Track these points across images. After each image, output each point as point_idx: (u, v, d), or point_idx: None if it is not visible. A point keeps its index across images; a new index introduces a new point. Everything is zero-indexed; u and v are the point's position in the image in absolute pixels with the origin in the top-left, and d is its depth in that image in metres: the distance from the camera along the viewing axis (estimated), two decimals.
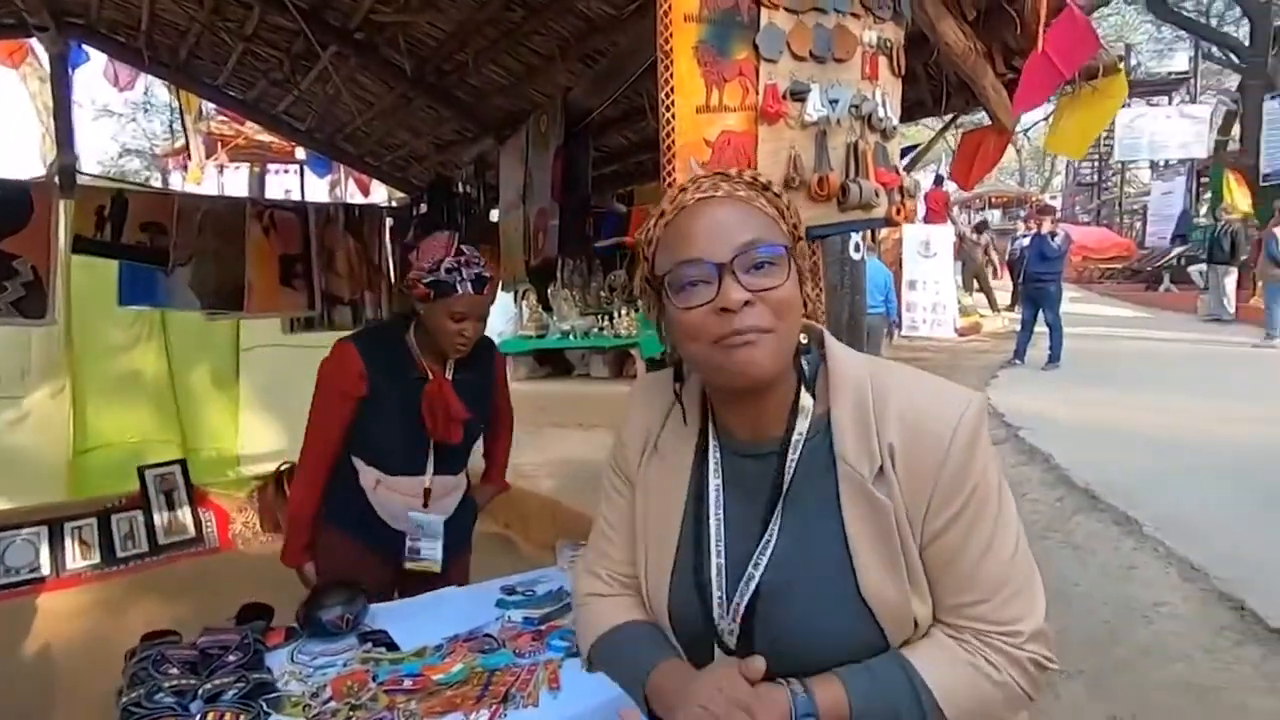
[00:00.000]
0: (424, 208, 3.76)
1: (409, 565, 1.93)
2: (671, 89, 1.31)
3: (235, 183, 12.82)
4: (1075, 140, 2.14)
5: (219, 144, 11.17)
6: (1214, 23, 17.13)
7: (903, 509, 0.78)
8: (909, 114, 2.03)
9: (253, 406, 4.64)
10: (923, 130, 3.98)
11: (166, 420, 4.39)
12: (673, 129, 1.31)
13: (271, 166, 12.73)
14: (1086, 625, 2.95)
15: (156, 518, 3.88)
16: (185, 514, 3.96)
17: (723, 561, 0.84)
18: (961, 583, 0.79)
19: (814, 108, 1.39)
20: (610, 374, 7.35)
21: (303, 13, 2.69)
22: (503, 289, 3.42)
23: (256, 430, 4.62)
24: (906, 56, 1.55)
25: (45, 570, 3.53)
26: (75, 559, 3.61)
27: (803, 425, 0.83)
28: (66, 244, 3.32)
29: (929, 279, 10.23)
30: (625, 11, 2.17)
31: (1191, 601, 3.04)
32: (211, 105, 6.94)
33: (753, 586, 0.82)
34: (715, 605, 0.84)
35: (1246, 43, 12.65)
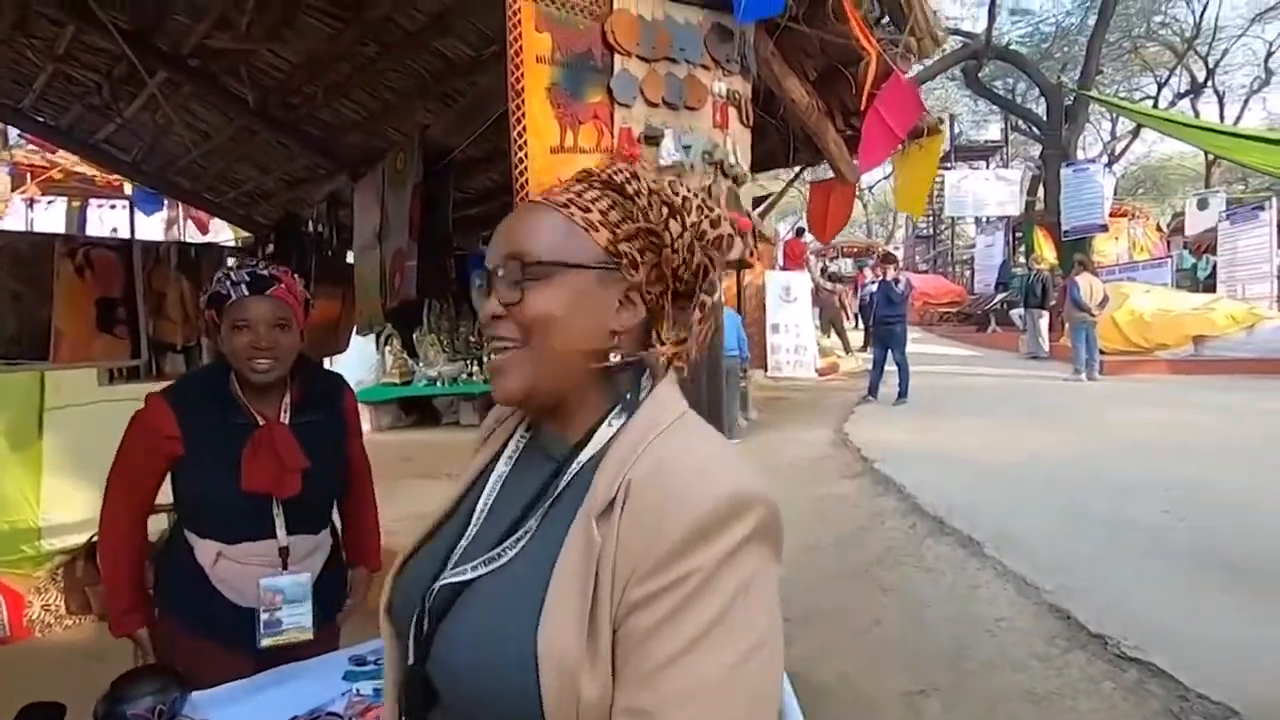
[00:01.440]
0: (271, 247, 3.50)
1: (267, 643, 1.63)
2: (524, 129, 1.29)
3: (50, 219, 11.39)
4: (914, 198, 2.36)
5: (28, 175, 9.93)
6: (1019, 99, 19.78)
7: (611, 558, 0.64)
8: (760, 164, 2.13)
9: (59, 471, 4.04)
10: (777, 181, 4.26)
11: None
12: (525, 168, 1.29)
13: (94, 201, 11.42)
14: (939, 642, 3.12)
15: None
16: None
17: (467, 546, 0.74)
18: (640, 680, 0.61)
19: (668, 152, 1.42)
20: (479, 421, 7.15)
21: (125, 34, 2.46)
22: (358, 333, 3.24)
23: (62, 498, 4.01)
24: (755, 109, 1.63)
25: None
26: None
27: (598, 444, 0.73)
28: None
29: (790, 323, 10.84)
30: (485, 53, 2.15)
31: (1026, 614, 3.30)
32: (15, 130, 6.17)
33: (450, 587, 0.70)
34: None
35: (1045, 117, 14.73)
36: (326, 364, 3.79)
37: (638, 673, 0.61)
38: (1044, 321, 12.40)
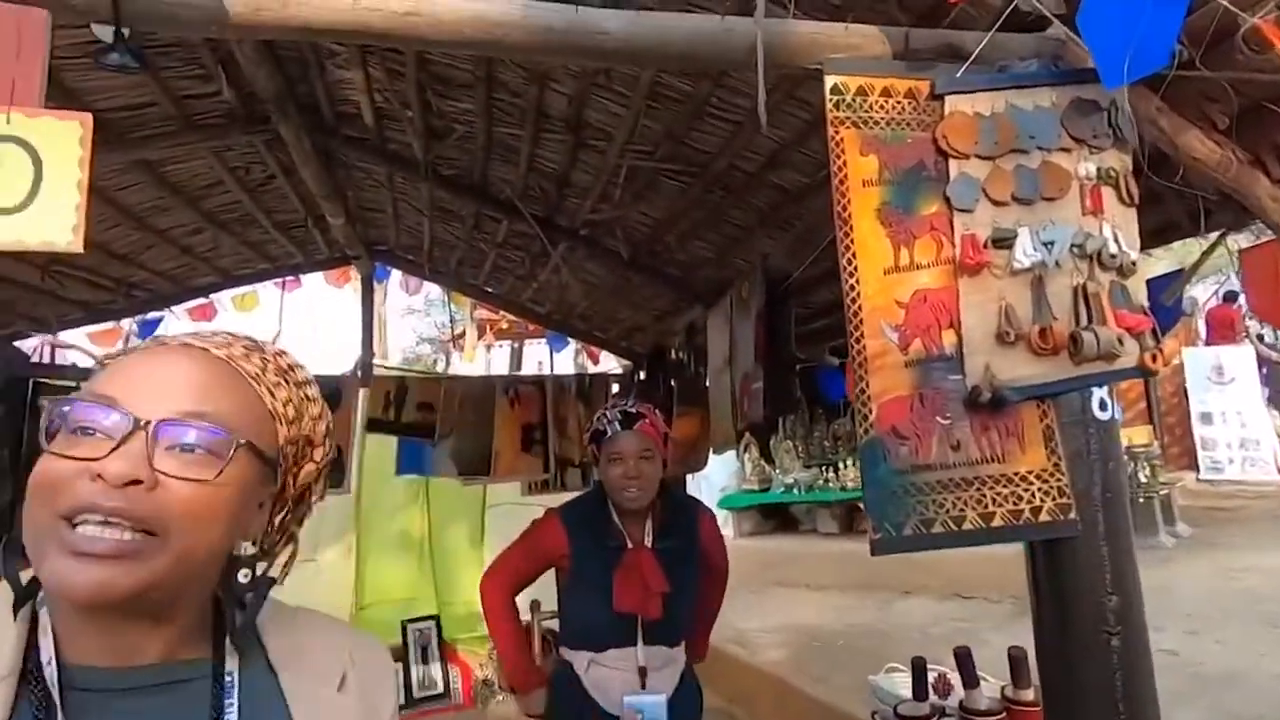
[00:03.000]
0: (644, 374, 3.99)
1: None
2: (853, 254, 1.26)
3: (500, 359, 14.86)
4: None
5: (487, 327, 13.16)
6: None
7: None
8: (1158, 239, 1.75)
9: None
10: (1188, 246, 3.40)
11: (426, 576, 4.88)
12: (858, 294, 1.25)
13: (528, 341, 14.66)
14: None
15: (414, 671, 4.22)
16: (436, 669, 4.26)
17: None
18: None
19: (1024, 253, 1.25)
20: (839, 529, 6.84)
21: (539, 220, 3.14)
22: (713, 452, 3.43)
23: None
24: (1140, 181, 1.36)
25: None
26: None
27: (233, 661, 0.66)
28: (362, 424, 4.00)
29: (1228, 410, 8.34)
30: (816, 178, 2.21)
31: None
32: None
33: None
34: None
35: None
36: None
37: None
38: None
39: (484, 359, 14.23)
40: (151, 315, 4.11)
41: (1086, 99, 1.32)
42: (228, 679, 0.65)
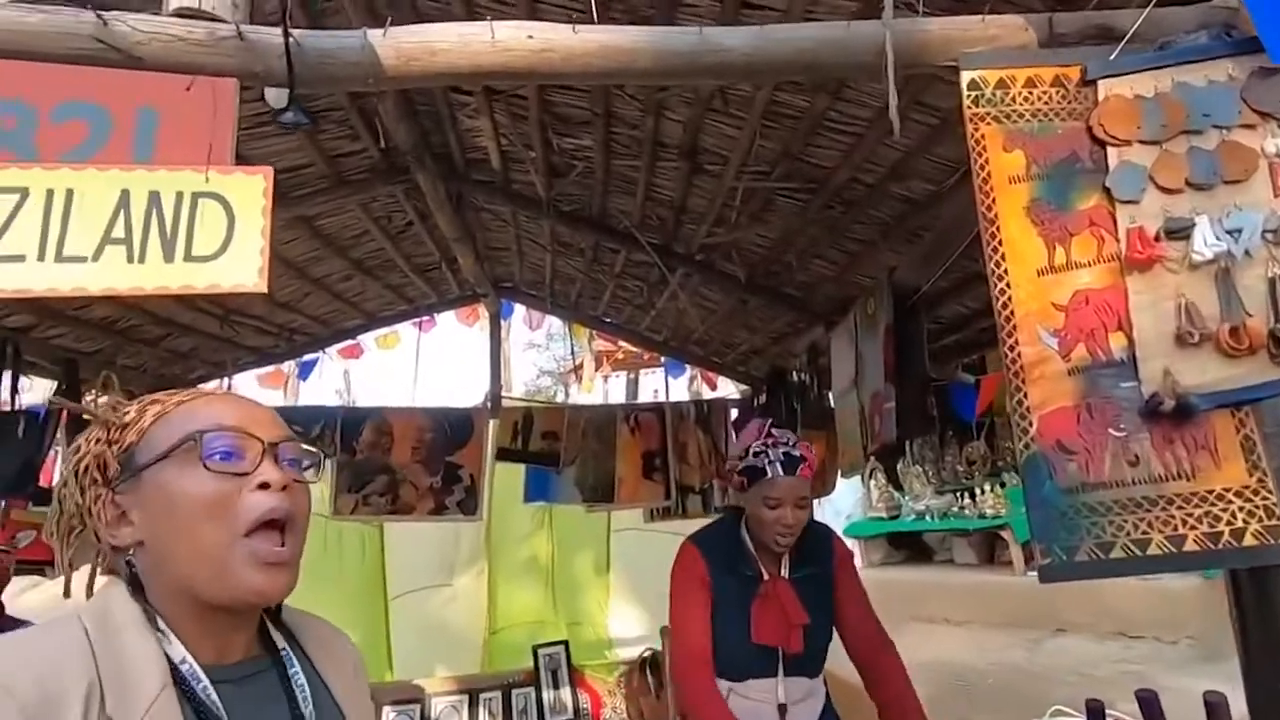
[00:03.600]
0: (764, 398, 3.91)
1: None
2: (1001, 256, 1.18)
3: (616, 388, 15.16)
4: None
5: (604, 358, 13.48)
6: None
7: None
8: None
9: (621, 590, 5.02)
10: None
11: (553, 602, 4.97)
12: (1009, 298, 1.17)
13: (643, 371, 14.87)
14: None
15: (545, 695, 4.28)
16: (566, 694, 4.30)
17: None
18: None
19: (1204, 243, 1.13)
20: (978, 560, 6.37)
21: (656, 247, 3.19)
22: (841, 476, 3.30)
23: (624, 613, 4.95)
24: None
25: None
26: None
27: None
28: (492, 454, 4.16)
29: None
30: (946, 185, 2.11)
31: None
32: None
33: None
34: None
35: None
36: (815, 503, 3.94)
37: None
38: None
39: (601, 389, 14.55)
40: (308, 357, 4.51)
41: (1271, 68, 1.17)
42: (293, 669, 0.77)
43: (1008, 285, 1.17)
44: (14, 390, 2.83)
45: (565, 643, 4.50)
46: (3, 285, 0.96)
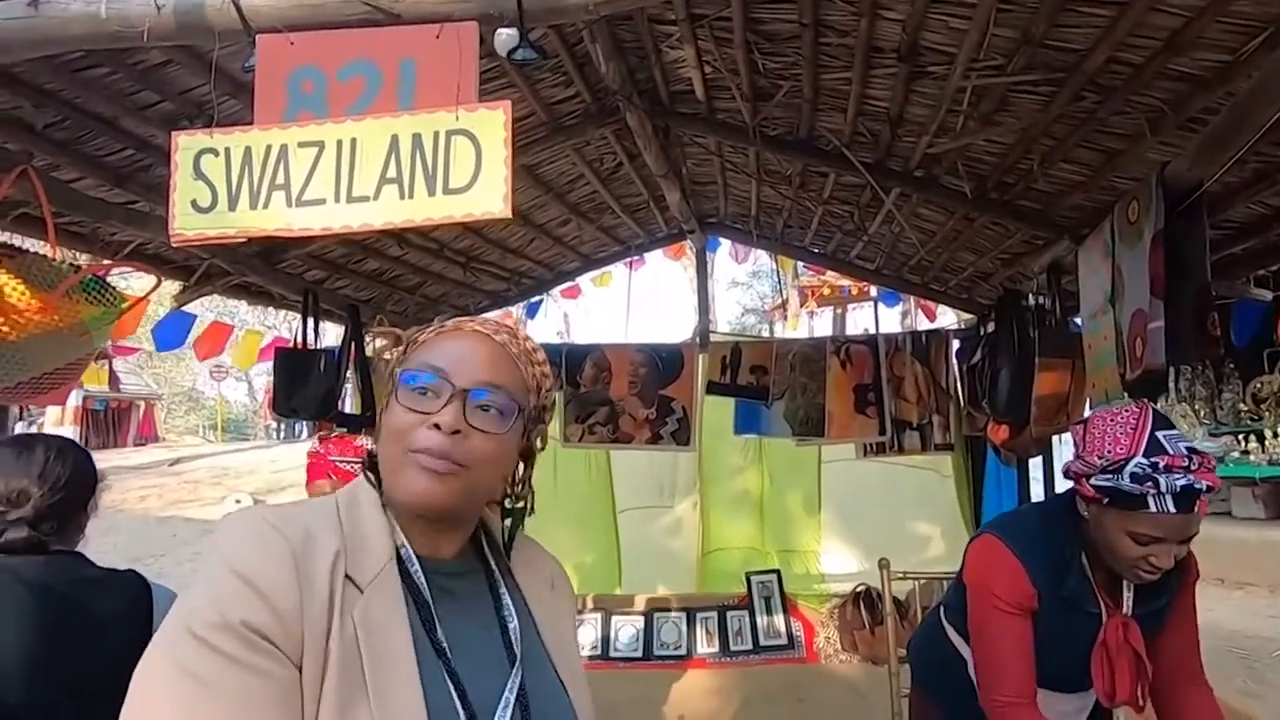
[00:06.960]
0: (991, 326, 3.58)
1: None
2: None
3: (821, 325, 14.73)
4: None
5: (809, 294, 13.10)
6: None
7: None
8: None
9: (832, 525, 5.00)
10: None
11: (764, 532, 5.09)
12: None
13: (851, 306, 14.24)
14: None
15: (759, 620, 4.43)
16: (780, 621, 4.42)
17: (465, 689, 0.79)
18: None
19: None
20: (1267, 514, 5.37)
21: (868, 166, 3.00)
22: (1092, 407, 2.93)
23: (835, 547, 4.94)
24: None
25: (684, 650, 4.38)
26: (703, 645, 4.38)
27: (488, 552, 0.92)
28: (701, 387, 4.30)
29: None
30: (1244, 52, 1.72)
31: None
32: (802, 264, 8.27)
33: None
34: None
35: None
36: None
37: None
38: None
39: (807, 325, 14.22)
40: (534, 299, 4.94)
41: None
42: (496, 574, 0.90)
43: None
44: (316, 333, 3.44)
45: (778, 571, 4.61)
46: (311, 224, 1.18)
